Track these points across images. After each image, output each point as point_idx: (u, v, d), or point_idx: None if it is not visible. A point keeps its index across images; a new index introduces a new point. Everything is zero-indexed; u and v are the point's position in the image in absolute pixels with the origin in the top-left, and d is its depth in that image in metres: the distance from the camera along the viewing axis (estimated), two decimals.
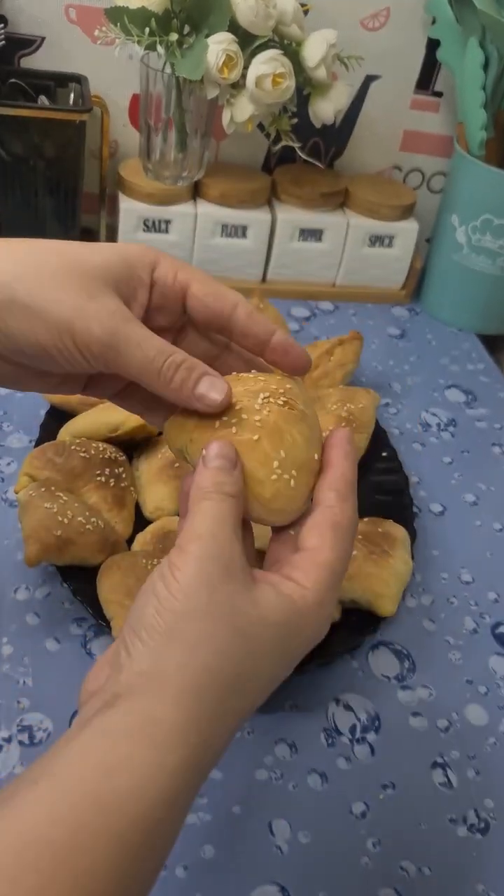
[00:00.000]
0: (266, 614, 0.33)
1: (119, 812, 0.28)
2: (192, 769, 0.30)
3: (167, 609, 0.31)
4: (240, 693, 0.32)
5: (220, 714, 0.31)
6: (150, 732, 0.30)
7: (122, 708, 0.30)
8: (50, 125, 0.80)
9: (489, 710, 0.58)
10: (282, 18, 0.79)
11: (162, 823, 0.29)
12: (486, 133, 0.88)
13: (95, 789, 0.28)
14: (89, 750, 0.29)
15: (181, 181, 0.89)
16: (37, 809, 0.27)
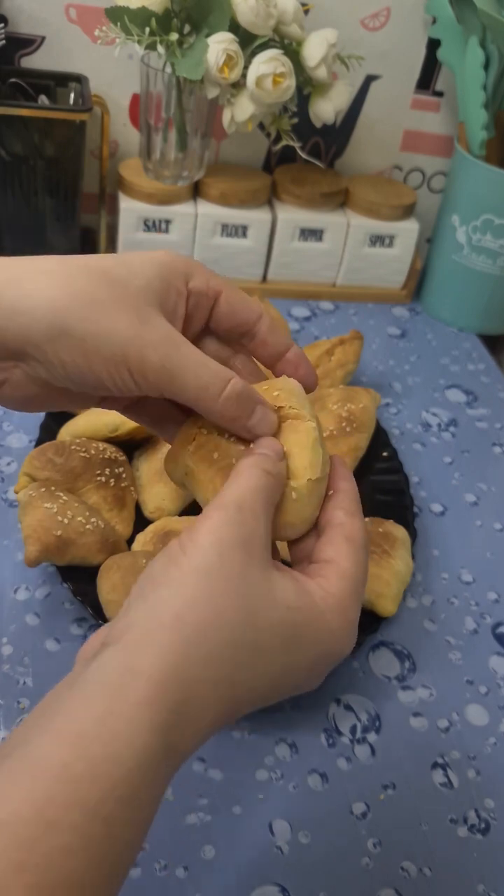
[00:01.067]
0: (278, 597, 0.32)
1: (91, 781, 0.26)
2: (172, 732, 0.28)
3: (175, 564, 0.31)
4: (233, 668, 0.30)
5: (206, 680, 0.29)
6: (127, 684, 0.28)
7: (104, 658, 0.29)
8: (50, 125, 0.80)
9: (489, 711, 0.58)
10: (282, 18, 0.79)
11: (139, 791, 0.27)
12: (486, 133, 0.88)
13: (65, 758, 0.26)
14: (62, 712, 0.28)
15: (181, 181, 0.89)
16: (7, 786, 0.26)
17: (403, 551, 0.63)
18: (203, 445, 0.38)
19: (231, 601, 0.30)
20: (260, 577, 0.32)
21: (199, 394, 0.35)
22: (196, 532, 0.32)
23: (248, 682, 0.31)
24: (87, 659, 0.31)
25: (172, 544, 0.32)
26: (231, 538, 0.31)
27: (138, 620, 0.30)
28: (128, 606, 0.31)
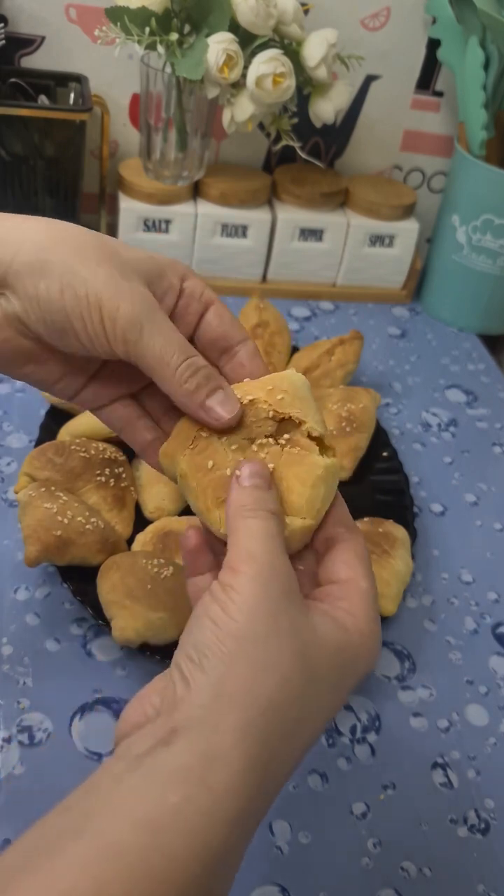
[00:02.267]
0: (325, 640, 0.32)
1: (167, 876, 0.25)
2: (249, 818, 0.28)
3: (228, 633, 0.30)
4: (301, 726, 0.30)
5: (281, 753, 0.30)
6: (206, 775, 0.27)
7: (179, 745, 0.28)
8: (50, 125, 0.80)
9: (489, 711, 0.58)
10: (282, 18, 0.79)
11: (213, 879, 0.27)
12: (486, 133, 0.88)
13: (142, 851, 0.25)
14: (137, 798, 0.27)
15: (181, 181, 0.89)
16: (80, 872, 0.25)
17: (403, 551, 0.63)
18: (201, 451, 0.37)
19: (292, 662, 0.30)
20: (307, 625, 0.32)
21: (161, 358, 0.35)
22: (235, 592, 0.31)
23: (307, 737, 0.31)
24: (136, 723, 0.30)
25: (212, 607, 0.31)
26: (275, 594, 0.31)
27: (207, 702, 0.29)
28: (185, 681, 0.30)
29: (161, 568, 0.56)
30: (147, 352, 0.35)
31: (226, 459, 0.36)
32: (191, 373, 0.36)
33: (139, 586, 0.54)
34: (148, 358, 0.35)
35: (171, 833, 0.26)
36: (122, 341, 0.35)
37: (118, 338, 0.35)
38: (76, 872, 0.25)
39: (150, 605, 0.53)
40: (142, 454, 0.42)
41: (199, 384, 0.36)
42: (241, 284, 0.95)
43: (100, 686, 0.55)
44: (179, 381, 0.36)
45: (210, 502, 0.36)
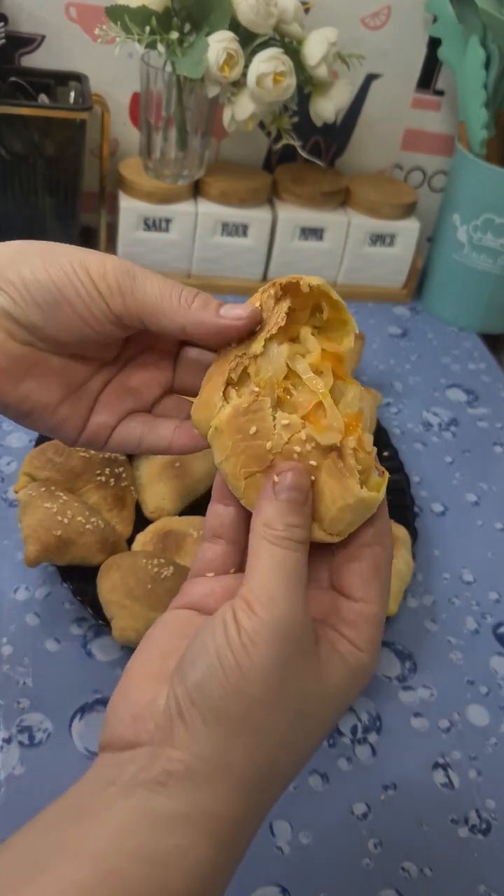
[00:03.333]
0: (329, 691, 0.31)
1: None
2: (238, 860, 0.29)
3: (240, 693, 0.29)
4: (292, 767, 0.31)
5: (271, 801, 0.31)
6: (210, 828, 0.28)
7: (175, 793, 0.28)
8: (50, 124, 0.79)
9: (490, 711, 0.58)
10: (282, 17, 0.78)
11: None
12: (487, 132, 0.88)
13: (144, 882, 0.26)
14: (137, 832, 0.27)
15: (182, 180, 0.89)
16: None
17: (404, 551, 0.62)
18: (247, 412, 0.32)
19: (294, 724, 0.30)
20: (316, 682, 0.31)
21: (161, 296, 0.35)
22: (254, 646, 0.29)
23: (300, 762, 0.32)
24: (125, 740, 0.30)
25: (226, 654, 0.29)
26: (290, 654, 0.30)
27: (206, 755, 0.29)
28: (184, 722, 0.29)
29: (161, 568, 0.55)
30: (146, 295, 0.35)
31: (271, 431, 0.32)
32: (193, 294, 0.35)
33: (139, 586, 0.54)
34: (148, 299, 0.35)
35: (173, 871, 0.27)
36: (118, 293, 0.35)
37: (113, 291, 0.35)
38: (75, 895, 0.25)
39: (150, 604, 0.53)
40: (168, 448, 0.39)
41: (206, 300, 0.35)
42: (241, 284, 0.95)
43: (100, 686, 0.55)
44: (186, 304, 0.35)
45: (239, 470, 0.33)
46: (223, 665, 0.29)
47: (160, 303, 0.35)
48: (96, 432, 0.39)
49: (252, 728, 0.29)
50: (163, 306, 0.35)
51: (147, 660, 0.33)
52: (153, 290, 0.35)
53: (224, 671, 0.29)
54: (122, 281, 0.35)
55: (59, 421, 0.38)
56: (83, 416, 0.39)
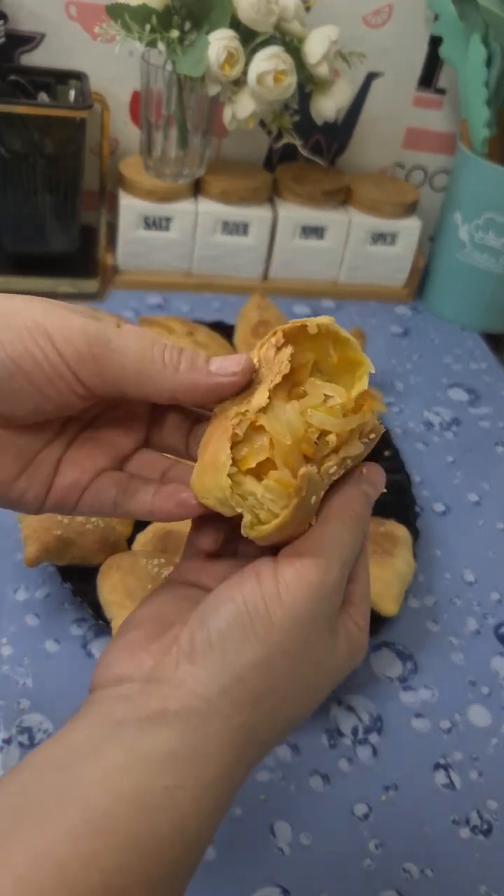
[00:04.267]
0: (336, 665, 0.31)
1: (156, 858, 0.26)
2: (225, 808, 0.29)
3: (259, 638, 0.28)
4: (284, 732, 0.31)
5: (258, 758, 0.30)
6: (197, 768, 0.27)
7: (168, 731, 0.27)
8: (50, 122, 0.79)
9: (492, 711, 0.58)
10: (283, 15, 0.78)
11: (192, 865, 0.28)
12: (489, 130, 0.88)
13: (132, 826, 0.25)
14: (127, 775, 0.26)
15: (182, 178, 0.89)
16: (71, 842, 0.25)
17: (405, 551, 0.62)
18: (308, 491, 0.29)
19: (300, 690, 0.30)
20: (329, 656, 0.31)
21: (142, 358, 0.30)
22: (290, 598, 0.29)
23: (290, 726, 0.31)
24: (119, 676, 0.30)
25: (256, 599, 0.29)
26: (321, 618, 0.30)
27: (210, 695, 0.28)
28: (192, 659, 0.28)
29: (161, 568, 0.55)
30: (125, 359, 0.30)
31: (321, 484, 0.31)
32: (178, 353, 0.31)
33: (139, 586, 0.54)
34: (129, 365, 0.30)
35: (162, 814, 0.26)
36: (90, 360, 0.30)
37: (84, 358, 0.30)
38: (67, 842, 0.25)
39: None
40: (150, 514, 0.34)
41: (192, 357, 0.31)
42: (241, 283, 0.95)
43: None
44: (172, 366, 0.31)
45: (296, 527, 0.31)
46: (251, 612, 0.28)
47: (143, 367, 0.31)
48: (63, 497, 0.34)
49: (263, 682, 0.29)
50: (147, 371, 0.31)
51: (146, 615, 0.32)
52: (132, 354, 0.30)
53: (251, 618, 0.28)
54: (94, 346, 0.30)
55: (18, 495, 0.33)
56: (46, 483, 0.34)
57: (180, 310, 0.91)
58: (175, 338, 0.76)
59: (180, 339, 0.76)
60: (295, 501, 0.29)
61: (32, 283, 0.88)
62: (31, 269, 0.88)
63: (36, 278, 0.88)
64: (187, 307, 0.92)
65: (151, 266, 0.93)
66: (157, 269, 0.93)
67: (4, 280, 0.87)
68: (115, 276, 0.92)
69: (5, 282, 0.87)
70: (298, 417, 0.30)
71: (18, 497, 0.33)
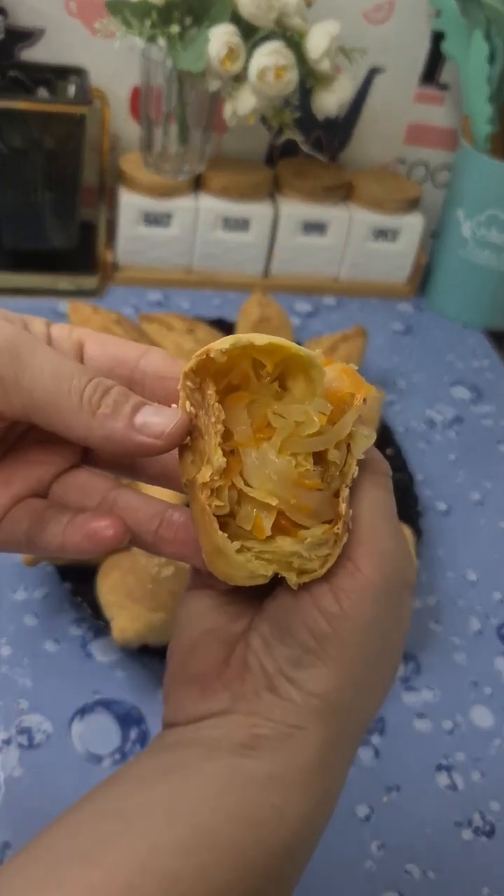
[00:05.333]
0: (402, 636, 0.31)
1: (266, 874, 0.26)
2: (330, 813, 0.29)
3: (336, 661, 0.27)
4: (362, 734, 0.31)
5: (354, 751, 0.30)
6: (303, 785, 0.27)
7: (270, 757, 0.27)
8: (50, 118, 0.79)
9: (495, 712, 0.58)
10: (284, 10, 0.78)
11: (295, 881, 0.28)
12: (491, 127, 0.87)
13: (242, 843, 0.25)
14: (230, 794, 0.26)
15: (182, 174, 0.88)
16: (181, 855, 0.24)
17: None
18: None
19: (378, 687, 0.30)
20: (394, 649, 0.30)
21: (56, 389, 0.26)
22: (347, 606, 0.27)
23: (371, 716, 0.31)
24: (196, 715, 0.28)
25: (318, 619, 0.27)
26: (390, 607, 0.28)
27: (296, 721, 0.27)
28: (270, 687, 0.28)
29: (161, 568, 0.55)
30: (34, 384, 0.26)
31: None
32: (101, 392, 0.26)
33: (139, 586, 0.54)
34: (37, 392, 0.26)
35: (271, 831, 0.26)
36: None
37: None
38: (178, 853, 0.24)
39: (150, 605, 0.53)
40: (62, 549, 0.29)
41: (118, 401, 0.26)
42: (242, 279, 0.94)
43: (99, 687, 0.54)
44: (90, 408, 0.26)
45: None
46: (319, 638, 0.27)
47: (55, 399, 0.26)
48: None
49: (351, 696, 0.28)
50: (59, 405, 0.26)
51: (194, 637, 0.30)
52: (44, 382, 0.26)
53: (321, 644, 0.27)
54: (2, 365, 0.25)
55: None
56: None
57: (180, 307, 0.91)
58: (175, 335, 0.76)
59: (181, 336, 0.76)
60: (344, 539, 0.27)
61: (32, 280, 0.88)
62: (30, 266, 0.87)
63: (35, 275, 0.88)
64: (188, 304, 0.91)
65: (151, 263, 0.92)
66: (157, 266, 0.93)
67: (4, 277, 0.87)
68: (115, 272, 0.92)
69: (5, 278, 0.87)
70: (279, 460, 0.26)
71: None
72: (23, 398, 0.26)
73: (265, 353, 0.27)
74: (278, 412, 0.27)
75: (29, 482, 0.30)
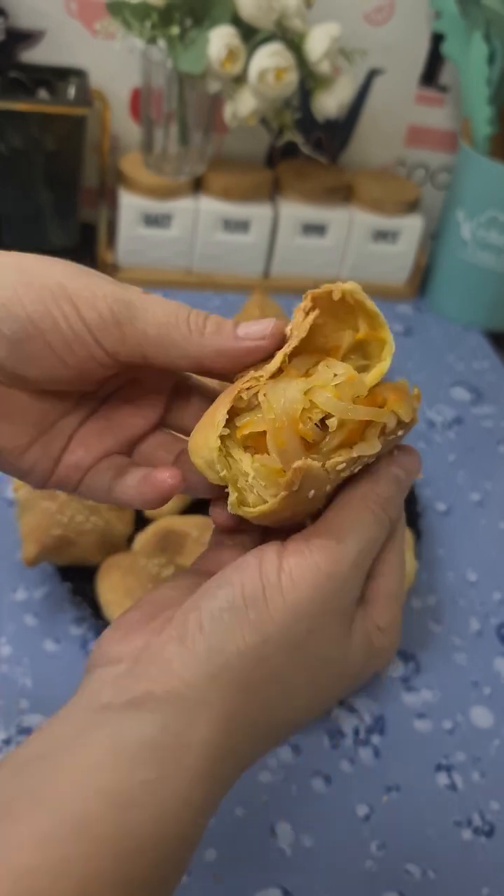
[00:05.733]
0: (346, 669, 0.29)
1: (135, 859, 0.24)
2: (215, 803, 0.27)
3: (253, 626, 0.27)
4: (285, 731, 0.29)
5: (252, 755, 0.28)
6: (181, 758, 0.26)
7: (151, 716, 0.26)
8: (50, 119, 0.79)
9: (494, 712, 0.58)
10: (284, 12, 0.78)
11: (178, 864, 0.26)
12: (491, 128, 0.87)
13: (110, 827, 0.24)
14: (104, 768, 0.25)
15: (182, 175, 0.88)
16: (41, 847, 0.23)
17: (407, 551, 0.62)
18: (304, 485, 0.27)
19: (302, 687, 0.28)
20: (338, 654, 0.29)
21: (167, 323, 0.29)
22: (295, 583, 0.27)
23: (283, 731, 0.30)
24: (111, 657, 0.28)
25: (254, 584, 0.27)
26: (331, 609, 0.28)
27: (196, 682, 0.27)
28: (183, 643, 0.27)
29: (161, 568, 0.55)
30: (148, 325, 0.29)
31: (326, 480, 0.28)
32: (203, 318, 0.30)
33: (139, 586, 0.54)
34: (151, 330, 0.29)
35: (141, 811, 0.25)
36: (112, 324, 0.29)
37: (106, 321, 0.29)
38: (35, 849, 0.23)
39: None
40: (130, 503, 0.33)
41: (221, 323, 0.30)
42: (242, 280, 0.94)
43: None
44: (197, 331, 0.30)
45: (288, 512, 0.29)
46: (248, 597, 0.27)
47: (167, 332, 0.30)
48: (67, 475, 0.33)
49: (255, 672, 0.27)
50: (171, 336, 0.30)
51: (150, 598, 0.31)
52: (157, 318, 0.30)
53: (246, 604, 0.27)
54: (117, 309, 0.29)
55: (29, 465, 0.32)
56: (55, 458, 0.33)
57: None
58: None
59: None
60: (283, 494, 0.27)
61: None
62: None
63: None
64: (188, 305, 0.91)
65: (152, 264, 0.92)
66: (157, 267, 0.93)
67: None
68: (115, 273, 0.92)
69: None
70: (298, 394, 0.28)
71: (28, 468, 0.32)
72: (138, 338, 0.29)
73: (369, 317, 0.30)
74: (330, 366, 0.29)
75: (118, 440, 0.34)
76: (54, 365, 0.30)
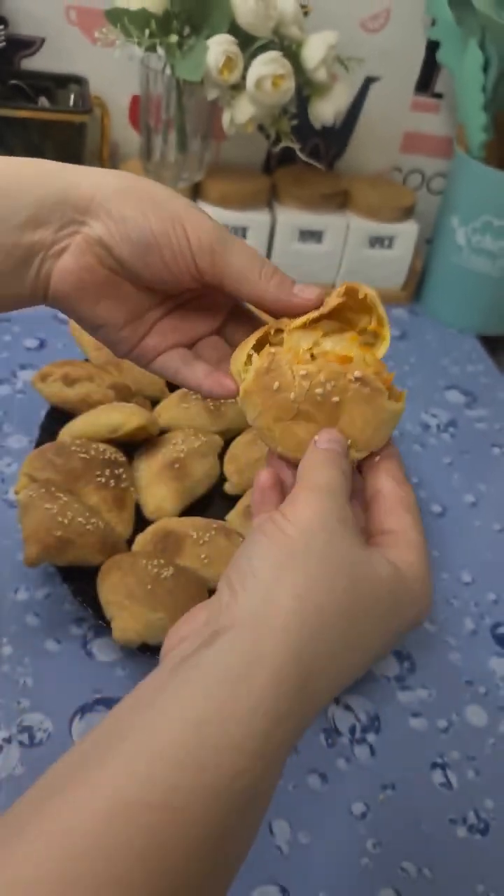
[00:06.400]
0: (380, 576, 0.32)
1: (215, 770, 0.27)
2: (288, 723, 0.29)
3: (281, 546, 0.31)
4: (346, 649, 0.31)
5: (322, 668, 0.30)
6: (249, 673, 0.28)
7: (220, 645, 0.29)
8: (50, 126, 0.80)
9: (489, 711, 0.58)
10: (282, 20, 0.79)
11: (258, 780, 0.28)
12: (486, 135, 0.88)
13: (188, 746, 0.27)
14: (181, 700, 0.28)
15: (181, 182, 0.89)
16: (128, 769, 0.26)
17: None
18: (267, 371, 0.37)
19: (342, 581, 0.31)
20: (364, 558, 0.32)
21: (249, 267, 0.38)
22: (296, 513, 0.33)
23: (348, 670, 0.32)
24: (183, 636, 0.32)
25: (267, 525, 0.33)
26: (333, 519, 0.32)
27: (255, 605, 0.30)
28: (232, 590, 0.31)
29: (161, 568, 0.56)
30: (232, 263, 0.38)
31: (291, 383, 0.37)
32: (273, 271, 0.38)
33: (139, 586, 0.54)
34: (234, 267, 0.38)
35: (216, 727, 0.27)
36: (208, 253, 0.37)
37: (204, 250, 0.37)
38: (124, 770, 0.26)
39: (150, 605, 0.54)
40: (198, 388, 0.42)
41: (284, 279, 0.39)
42: None
43: (100, 686, 0.55)
44: (267, 280, 0.38)
45: (271, 420, 0.37)
46: (265, 531, 0.32)
47: (244, 273, 0.38)
48: (143, 353, 0.42)
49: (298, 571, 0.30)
50: (247, 276, 0.38)
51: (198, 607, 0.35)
52: (240, 260, 0.38)
53: (266, 535, 0.32)
54: (215, 244, 0.37)
55: (120, 339, 0.41)
56: (139, 338, 0.42)
57: None
58: None
59: None
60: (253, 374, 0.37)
61: None
62: None
63: None
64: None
65: None
66: None
67: None
68: None
69: None
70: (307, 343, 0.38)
71: (119, 340, 0.41)
72: (223, 267, 0.38)
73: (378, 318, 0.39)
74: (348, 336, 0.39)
75: (186, 335, 0.42)
76: (160, 270, 0.38)
